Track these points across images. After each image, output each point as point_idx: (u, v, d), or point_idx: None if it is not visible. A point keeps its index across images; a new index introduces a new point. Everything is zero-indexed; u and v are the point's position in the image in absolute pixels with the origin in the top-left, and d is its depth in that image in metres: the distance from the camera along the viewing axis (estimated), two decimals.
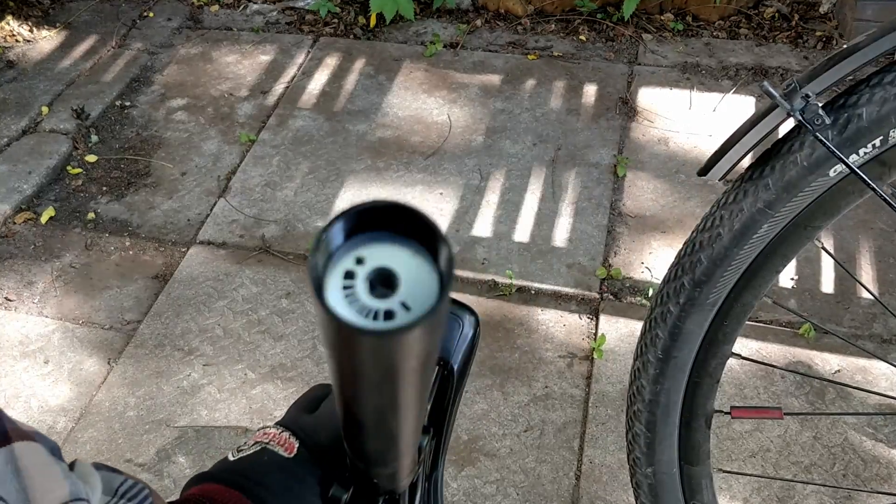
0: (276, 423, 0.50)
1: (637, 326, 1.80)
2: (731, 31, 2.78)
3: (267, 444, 0.48)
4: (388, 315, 0.25)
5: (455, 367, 0.51)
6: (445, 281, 0.25)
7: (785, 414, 1.16)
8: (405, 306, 0.25)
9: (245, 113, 2.53)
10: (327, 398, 0.52)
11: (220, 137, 2.44)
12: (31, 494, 0.32)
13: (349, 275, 0.26)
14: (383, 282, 0.26)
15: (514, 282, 1.92)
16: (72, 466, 0.35)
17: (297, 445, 0.48)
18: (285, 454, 0.48)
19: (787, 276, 1.90)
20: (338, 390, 0.34)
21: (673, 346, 0.97)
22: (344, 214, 0.26)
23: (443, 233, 0.26)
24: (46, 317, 1.92)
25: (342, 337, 0.25)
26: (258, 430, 0.51)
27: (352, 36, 2.85)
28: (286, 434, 0.49)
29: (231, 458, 0.48)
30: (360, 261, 0.26)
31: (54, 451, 0.34)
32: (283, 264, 2.01)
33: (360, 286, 0.26)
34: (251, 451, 0.48)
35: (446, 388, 0.52)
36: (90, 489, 0.35)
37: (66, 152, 2.40)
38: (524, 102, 2.50)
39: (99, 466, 0.37)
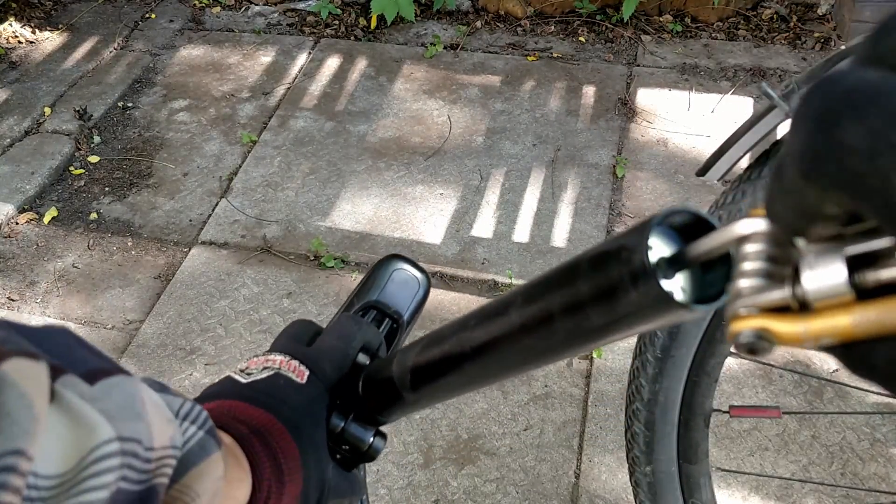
0: (279, 351, 0.50)
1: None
2: (729, 32, 2.79)
3: (279, 369, 0.48)
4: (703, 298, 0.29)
5: (405, 320, 0.59)
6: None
7: (783, 413, 1.17)
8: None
9: (246, 114, 2.54)
10: (323, 333, 0.53)
11: (221, 138, 2.45)
12: (153, 434, 0.30)
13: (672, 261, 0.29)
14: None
15: (514, 282, 1.93)
16: None
17: (307, 373, 0.48)
18: (298, 380, 0.48)
19: None
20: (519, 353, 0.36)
21: (672, 345, 0.98)
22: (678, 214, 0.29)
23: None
24: (49, 317, 1.93)
25: (661, 310, 0.28)
26: (259, 356, 0.50)
27: (353, 37, 2.86)
28: (295, 362, 0.49)
29: (243, 381, 0.47)
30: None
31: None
32: (284, 264, 2.02)
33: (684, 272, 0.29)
34: (265, 376, 0.47)
35: (395, 337, 0.59)
36: (175, 427, 0.33)
37: (68, 153, 2.41)
38: (524, 103, 2.51)
39: (153, 385, 0.35)
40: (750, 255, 0.27)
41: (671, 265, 0.29)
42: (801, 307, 0.25)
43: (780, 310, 0.25)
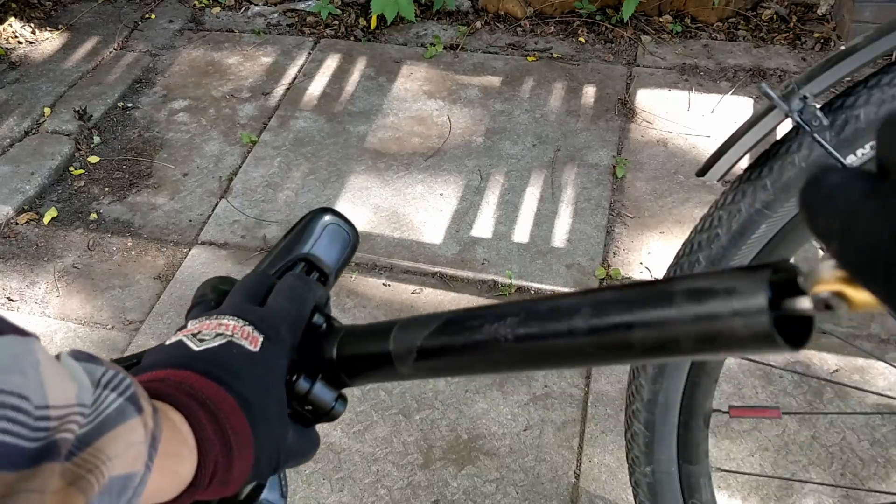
0: (231, 315, 0.49)
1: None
2: (729, 32, 2.79)
3: (231, 336, 0.47)
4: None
5: (333, 275, 0.60)
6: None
7: (783, 413, 1.17)
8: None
9: (246, 114, 2.54)
10: (274, 292, 0.52)
11: (221, 138, 2.45)
12: (48, 392, 0.30)
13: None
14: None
15: (514, 282, 1.93)
16: (57, 358, 0.34)
17: (261, 339, 0.47)
18: (252, 348, 0.47)
19: None
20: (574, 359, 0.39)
21: None
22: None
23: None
24: (49, 317, 1.93)
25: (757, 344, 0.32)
26: (212, 318, 0.48)
27: (352, 38, 2.86)
28: (249, 328, 0.47)
29: (195, 348, 0.46)
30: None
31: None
32: None
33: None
34: (217, 344, 0.46)
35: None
36: (81, 387, 0.33)
37: (68, 153, 2.41)
38: (524, 104, 2.51)
39: (78, 356, 0.36)
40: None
41: (771, 309, 0.32)
42: None
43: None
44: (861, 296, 0.30)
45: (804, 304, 0.32)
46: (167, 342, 0.48)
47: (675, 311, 0.34)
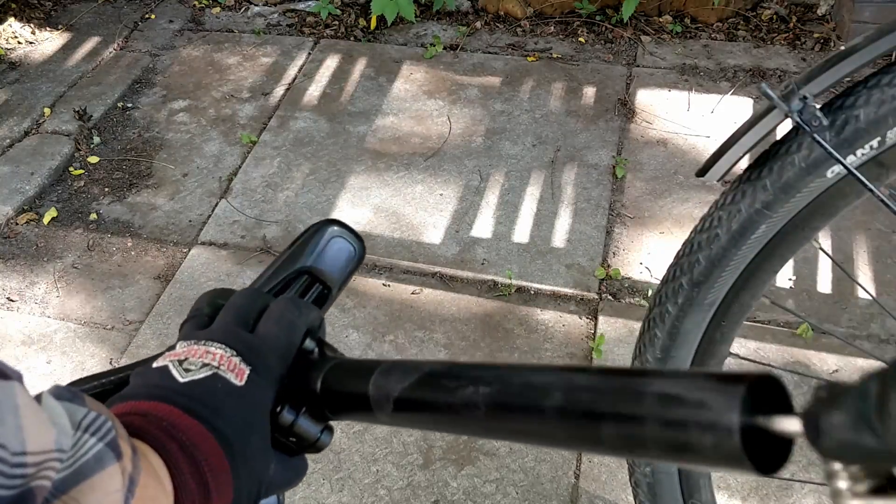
0: (219, 342, 0.48)
1: (636, 326, 1.81)
2: (729, 32, 2.79)
3: (217, 368, 0.46)
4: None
5: (335, 289, 0.58)
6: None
7: None
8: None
9: (246, 114, 2.54)
10: (265, 318, 0.51)
11: (221, 139, 2.45)
12: (26, 436, 0.30)
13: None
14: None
15: (514, 282, 1.93)
16: (38, 399, 0.34)
17: (247, 372, 0.47)
18: (237, 382, 0.46)
19: (784, 277, 1.91)
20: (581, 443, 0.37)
21: (671, 346, 0.98)
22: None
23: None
24: (49, 317, 1.93)
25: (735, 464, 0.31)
26: (200, 343, 0.48)
27: (352, 38, 2.86)
28: (236, 359, 0.47)
29: (180, 380, 0.46)
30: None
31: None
32: None
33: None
34: (202, 376, 0.46)
35: (322, 303, 0.58)
36: (60, 431, 0.33)
37: (68, 153, 2.41)
38: (524, 104, 2.51)
39: (60, 394, 0.35)
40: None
41: (743, 430, 0.30)
42: None
43: (883, 489, 0.28)
44: None
45: (784, 424, 0.29)
46: (154, 364, 0.48)
47: (645, 411, 0.32)
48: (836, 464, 0.29)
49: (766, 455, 0.30)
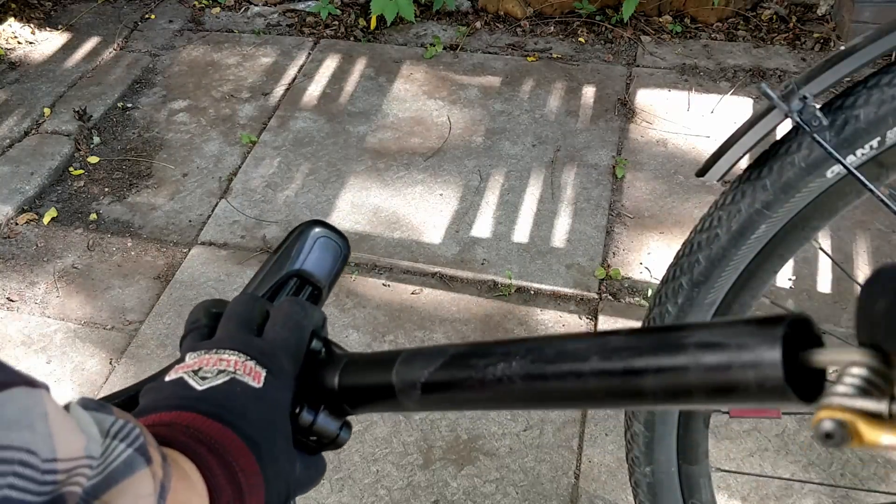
0: (230, 349, 0.48)
1: (636, 327, 1.80)
2: (729, 33, 2.79)
3: (234, 373, 0.46)
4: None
5: (326, 288, 0.59)
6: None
7: (783, 413, 1.17)
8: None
9: (246, 114, 2.54)
10: (271, 320, 0.51)
11: (221, 139, 2.45)
12: (56, 443, 0.30)
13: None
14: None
15: (514, 282, 1.93)
16: (66, 408, 0.34)
17: (263, 374, 0.47)
18: (255, 384, 0.46)
19: (784, 277, 1.91)
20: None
21: None
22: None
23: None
24: (49, 317, 1.93)
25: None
26: (212, 352, 0.48)
27: (352, 38, 2.86)
28: (251, 363, 0.47)
29: (198, 388, 0.46)
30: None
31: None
32: None
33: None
34: (220, 382, 0.46)
35: (316, 303, 0.59)
36: (90, 438, 0.33)
37: (68, 153, 2.41)
38: (523, 104, 2.51)
39: (87, 404, 0.36)
40: (855, 372, 0.31)
41: (784, 364, 0.32)
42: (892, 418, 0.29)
43: (870, 415, 0.30)
44: (874, 434, 0.29)
45: (819, 357, 0.32)
46: (166, 378, 0.48)
47: (687, 360, 0.34)
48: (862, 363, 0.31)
49: (804, 387, 0.32)
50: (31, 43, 2.90)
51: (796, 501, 1.49)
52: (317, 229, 0.59)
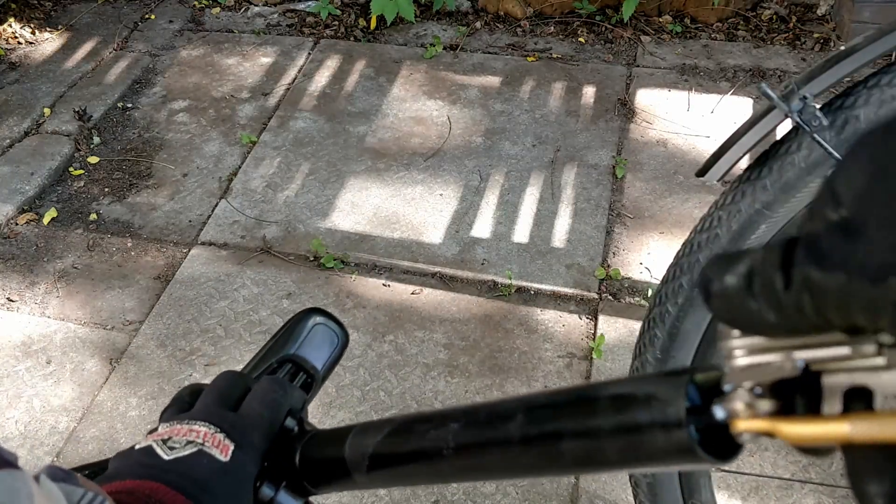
0: (202, 421, 0.49)
1: (636, 326, 1.81)
2: (729, 33, 2.79)
3: (202, 444, 0.47)
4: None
5: (320, 376, 0.59)
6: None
7: None
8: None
9: (246, 114, 2.54)
10: (249, 397, 0.52)
11: (221, 139, 2.45)
12: None
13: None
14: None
15: (514, 282, 1.93)
16: (36, 479, 0.35)
17: (231, 448, 0.47)
18: (222, 458, 0.47)
19: None
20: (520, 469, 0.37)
21: (671, 346, 0.98)
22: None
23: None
24: (48, 317, 1.93)
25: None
26: (183, 423, 0.49)
27: (352, 38, 2.86)
28: (220, 435, 0.47)
29: (165, 457, 0.46)
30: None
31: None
32: (283, 265, 2.02)
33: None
34: (187, 452, 0.46)
35: (307, 391, 0.58)
36: None
37: (68, 154, 2.41)
38: (523, 104, 2.51)
39: (55, 475, 0.36)
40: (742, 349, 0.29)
41: (693, 417, 0.30)
42: (807, 409, 0.27)
43: (783, 412, 0.28)
44: (796, 429, 0.27)
45: (729, 408, 0.29)
46: (136, 446, 0.48)
47: (598, 420, 0.32)
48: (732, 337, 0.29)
49: (726, 447, 0.30)
50: (31, 43, 2.90)
51: (796, 501, 1.49)
52: (315, 317, 0.60)
